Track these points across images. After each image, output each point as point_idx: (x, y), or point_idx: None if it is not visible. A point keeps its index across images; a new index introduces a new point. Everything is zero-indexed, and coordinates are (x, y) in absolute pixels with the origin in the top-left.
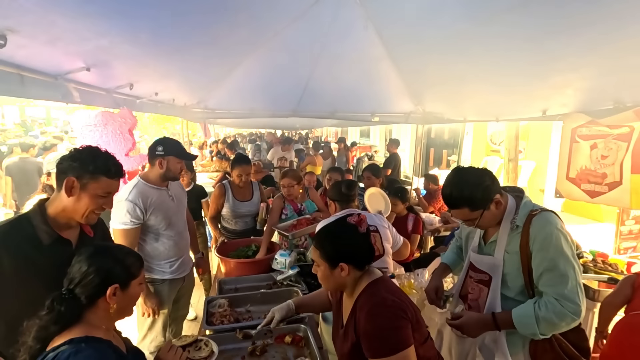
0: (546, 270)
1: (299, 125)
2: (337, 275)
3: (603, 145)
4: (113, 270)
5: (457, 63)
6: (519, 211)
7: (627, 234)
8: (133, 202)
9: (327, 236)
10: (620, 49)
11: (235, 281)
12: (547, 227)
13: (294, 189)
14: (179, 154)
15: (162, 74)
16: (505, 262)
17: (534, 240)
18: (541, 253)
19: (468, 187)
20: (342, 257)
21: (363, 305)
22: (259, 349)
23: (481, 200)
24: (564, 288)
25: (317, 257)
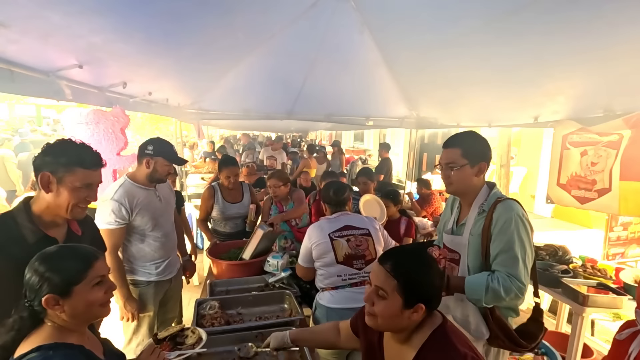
0: (502, 252)
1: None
2: (406, 316)
3: (593, 152)
4: (47, 280)
5: (452, 69)
6: (489, 198)
7: (616, 240)
8: (118, 202)
9: (412, 264)
10: (611, 58)
11: (226, 283)
12: (508, 213)
13: (280, 190)
14: (168, 156)
15: (156, 73)
16: (469, 243)
17: (496, 223)
18: (500, 236)
19: (473, 136)
20: (423, 297)
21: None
22: None
23: (474, 153)
24: (515, 269)
25: (388, 288)
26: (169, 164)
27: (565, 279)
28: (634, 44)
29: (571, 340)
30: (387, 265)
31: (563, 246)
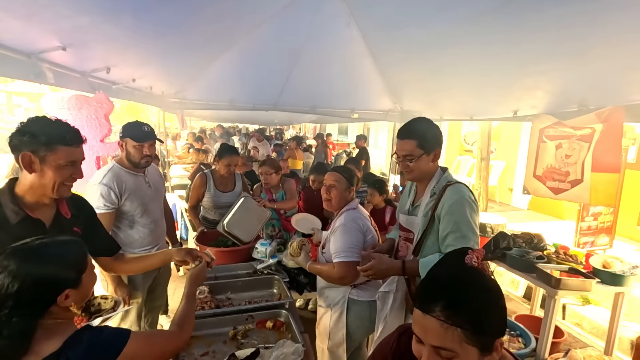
0: (451, 232)
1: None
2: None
3: (567, 145)
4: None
5: (436, 63)
6: (440, 182)
7: (586, 229)
8: (107, 186)
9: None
10: (585, 55)
11: (215, 270)
12: (456, 195)
13: (272, 177)
14: (135, 136)
15: (142, 59)
16: (421, 223)
17: (443, 206)
18: (447, 217)
19: (426, 125)
20: (500, 329)
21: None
22: (241, 333)
23: (429, 142)
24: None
25: (454, 344)
26: (138, 144)
27: (539, 264)
28: (606, 43)
29: (544, 321)
30: (437, 313)
31: (538, 234)
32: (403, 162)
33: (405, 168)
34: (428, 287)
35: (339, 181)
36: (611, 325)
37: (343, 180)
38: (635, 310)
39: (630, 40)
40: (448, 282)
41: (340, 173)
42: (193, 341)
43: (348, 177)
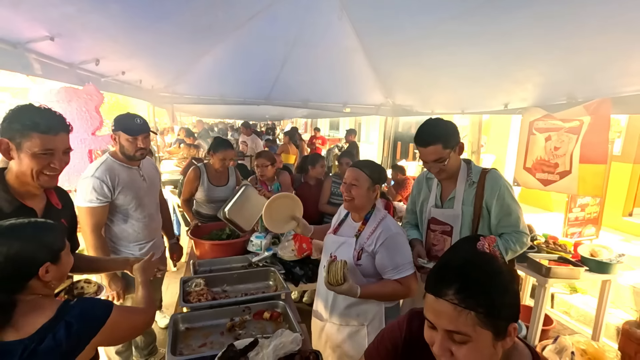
0: (505, 215)
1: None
2: (499, 347)
3: (556, 138)
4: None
5: (427, 56)
6: (472, 170)
7: (574, 220)
8: (100, 179)
9: (487, 281)
10: (573, 47)
11: (209, 263)
12: (499, 180)
13: (267, 170)
14: (128, 129)
15: (131, 51)
16: (463, 213)
17: (491, 191)
18: (499, 202)
19: (441, 124)
20: (513, 313)
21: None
22: (238, 325)
23: (452, 138)
24: (519, 225)
25: (468, 327)
26: (131, 138)
27: (530, 254)
28: (593, 36)
29: (534, 309)
30: (450, 297)
31: (528, 225)
32: (433, 166)
33: (437, 171)
34: (441, 272)
35: (358, 179)
36: (598, 311)
37: (364, 178)
38: (621, 298)
39: (615, 33)
40: (461, 266)
41: (361, 169)
42: (190, 333)
43: (370, 174)
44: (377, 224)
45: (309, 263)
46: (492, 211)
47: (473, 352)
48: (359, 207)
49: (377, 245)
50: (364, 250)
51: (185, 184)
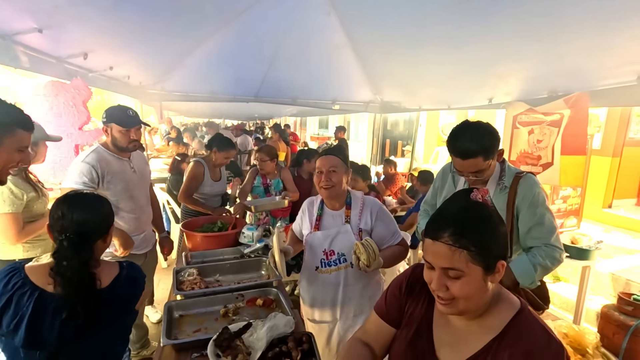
0: (536, 225)
1: (257, 115)
2: (488, 284)
3: (539, 131)
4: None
5: (414, 53)
6: (506, 173)
7: (556, 212)
8: (90, 165)
9: (472, 222)
10: (554, 43)
11: (202, 255)
12: (534, 187)
13: (267, 164)
14: (121, 121)
15: (119, 46)
16: None
17: (523, 198)
18: (531, 209)
19: (485, 134)
20: (501, 252)
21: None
22: (231, 311)
23: (492, 150)
24: (551, 237)
25: (461, 263)
26: (124, 130)
27: None
28: (572, 33)
29: None
30: (446, 239)
31: None
32: (473, 175)
33: (474, 179)
34: (437, 220)
35: (336, 165)
36: (579, 296)
37: (340, 163)
38: (601, 285)
39: (592, 30)
40: (454, 213)
41: (335, 155)
42: (185, 320)
43: (344, 159)
44: (362, 203)
45: (301, 253)
46: (520, 219)
47: (466, 285)
48: (339, 193)
49: (373, 221)
50: (362, 230)
51: (190, 180)
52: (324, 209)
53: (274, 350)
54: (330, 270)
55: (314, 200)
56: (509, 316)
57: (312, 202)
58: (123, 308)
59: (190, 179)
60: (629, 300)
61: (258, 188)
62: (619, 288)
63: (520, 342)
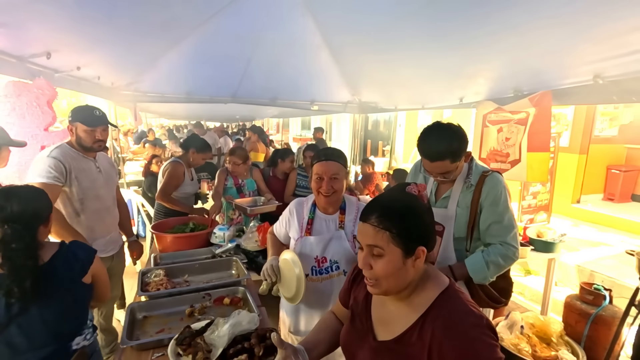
0: (495, 222)
1: (239, 116)
2: (410, 265)
3: (507, 129)
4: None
5: (387, 54)
6: (473, 172)
7: (527, 207)
8: (56, 159)
9: (398, 209)
10: (517, 43)
11: (172, 256)
12: (498, 186)
13: (239, 167)
14: (86, 120)
15: (86, 45)
16: (457, 215)
17: (487, 196)
18: (492, 207)
19: (453, 137)
20: (421, 239)
21: (452, 327)
22: (197, 311)
23: (460, 153)
24: (507, 236)
25: (383, 242)
26: (89, 129)
27: None
28: (534, 33)
29: None
30: (372, 220)
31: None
32: (441, 177)
33: (442, 179)
34: (369, 205)
35: (339, 172)
36: (545, 288)
37: (343, 170)
38: (568, 277)
39: (553, 30)
40: (384, 201)
41: (337, 161)
42: (149, 321)
43: (344, 164)
44: (357, 208)
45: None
46: (482, 216)
47: (386, 264)
48: (338, 199)
49: None
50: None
51: (171, 179)
52: (316, 212)
53: (236, 347)
54: (322, 279)
55: (304, 202)
56: (435, 295)
57: (301, 204)
58: (64, 281)
59: (170, 178)
60: (590, 290)
61: (231, 189)
62: (584, 279)
63: (441, 318)
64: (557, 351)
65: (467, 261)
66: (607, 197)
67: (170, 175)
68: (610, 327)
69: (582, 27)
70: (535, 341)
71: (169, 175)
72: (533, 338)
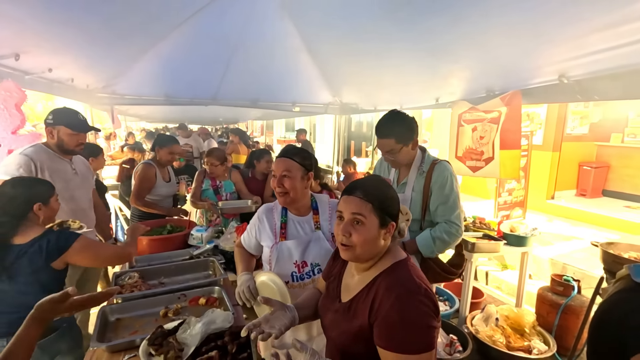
0: (441, 204)
1: (222, 119)
2: (381, 237)
3: (481, 128)
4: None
5: (366, 55)
6: (425, 160)
7: (503, 204)
8: (29, 157)
9: (380, 187)
10: (487, 44)
11: (148, 259)
12: (445, 172)
13: (217, 168)
14: (70, 124)
15: (56, 47)
16: (412, 199)
17: (435, 181)
18: (440, 191)
19: (400, 122)
20: (393, 214)
21: (391, 288)
22: (172, 312)
23: (406, 136)
24: (452, 215)
25: (365, 211)
26: (74, 133)
27: None
28: (503, 34)
29: (464, 283)
30: (358, 193)
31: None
32: (387, 156)
33: (390, 160)
34: (354, 183)
35: (290, 170)
36: (519, 280)
37: (296, 167)
38: (542, 270)
39: (522, 31)
40: (367, 181)
41: (290, 158)
42: (122, 323)
43: (302, 162)
44: (330, 206)
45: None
46: (431, 198)
47: (364, 232)
48: (295, 199)
49: None
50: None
51: (143, 181)
52: (288, 215)
53: (210, 345)
54: (304, 285)
55: (273, 208)
56: (389, 264)
57: (270, 209)
58: (33, 262)
59: (140, 181)
60: (560, 281)
61: (207, 191)
62: (557, 271)
63: (385, 281)
64: (529, 341)
65: (417, 238)
66: (579, 193)
67: (140, 177)
68: (578, 315)
69: (546, 29)
70: (509, 332)
71: (139, 178)
72: (507, 329)
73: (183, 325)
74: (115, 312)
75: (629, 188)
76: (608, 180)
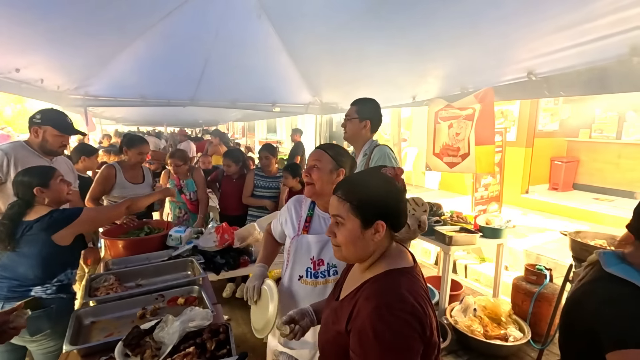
0: None
1: (202, 121)
2: (369, 237)
3: (457, 125)
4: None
5: (344, 54)
6: (370, 145)
7: (480, 199)
8: (5, 153)
9: (362, 184)
10: (459, 43)
11: (125, 261)
12: (380, 152)
13: (180, 168)
14: (58, 125)
15: (22, 46)
16: None
17: (373, 160)
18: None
19: (369, 101)
20: (380, 213)
21: (370, 298)
22: (149, 313)
23: (364, 111)
24: None
25: (343, 212)
26: (60, 134)
27: (436, 227)
28: (474, 34)
29: (442, 275)
30: (339, 192)
31: (437, 203)
32: (345, 122)
33: (344, 128)
34: (341, 182)
35: (320, 160)
36: (496, 271)
37: (327, 159)
38: (517, 261)
39: (492, 31)
40: (353, 178)
41: (324, 150)
42: (97, 325)
43: (334, 156)
44: None
45: (230, 251)
46: None
47: (345, 232)
48: (321, 192)
49: None
50: None
51: (97, 183)
52: (316, 210)
53: (188, 342)
54: (316, 283)
55: (302, 199)
56: (381, 271)
57: (299, 201)
58: (38, 234)
59: (97, 183)
60: (533, 270)
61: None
62: (531, 262)
63: (369, 289)
64: (506, 329)
65: None
66: (552, 187)
67: (97, 180)
68: (551, 302)
69: (513, 28)
70: (486, 322)
71: (96, 180)
72: (485, 319)
73: (160, 324)
74: (89, 315)
75: (597, 181)
76: (578, 174)
